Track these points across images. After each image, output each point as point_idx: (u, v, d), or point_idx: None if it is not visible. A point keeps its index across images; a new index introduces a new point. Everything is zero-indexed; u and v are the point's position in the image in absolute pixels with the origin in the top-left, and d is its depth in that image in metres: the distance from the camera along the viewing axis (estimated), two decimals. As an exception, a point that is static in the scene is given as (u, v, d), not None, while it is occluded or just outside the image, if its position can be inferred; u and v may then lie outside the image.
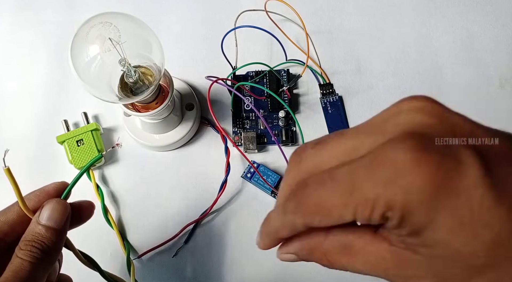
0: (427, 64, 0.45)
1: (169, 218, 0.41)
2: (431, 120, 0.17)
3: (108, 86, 0.35)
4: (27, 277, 0.24)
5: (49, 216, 0.26)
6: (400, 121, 0.17)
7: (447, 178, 0.16)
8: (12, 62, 0.47)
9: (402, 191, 0.15)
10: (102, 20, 0.31)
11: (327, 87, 0.44)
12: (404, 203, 0.15)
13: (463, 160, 0.16)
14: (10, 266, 0.24)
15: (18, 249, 0.25)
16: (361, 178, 0.16)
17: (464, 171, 0.16)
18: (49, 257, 0.25)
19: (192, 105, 0.43)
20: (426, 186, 0.15)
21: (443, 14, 0.47)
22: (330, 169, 0.18)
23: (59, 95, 0.46)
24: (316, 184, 0.18)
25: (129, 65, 0.33)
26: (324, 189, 0.17)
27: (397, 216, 0.16)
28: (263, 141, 0.43)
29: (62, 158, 0.42)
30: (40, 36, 0.48)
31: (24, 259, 0.24)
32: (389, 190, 0.16)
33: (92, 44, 0.32)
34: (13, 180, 0.26)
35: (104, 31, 0.31)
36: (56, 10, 0.49)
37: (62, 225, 0.26)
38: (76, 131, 0.41)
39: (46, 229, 0.25)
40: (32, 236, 0.25)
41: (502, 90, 0.44)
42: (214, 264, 0.39)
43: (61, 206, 0.26)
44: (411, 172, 0.15)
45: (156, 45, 0.34)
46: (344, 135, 0.19)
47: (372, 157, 0.16)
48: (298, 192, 0.18)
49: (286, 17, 0.46)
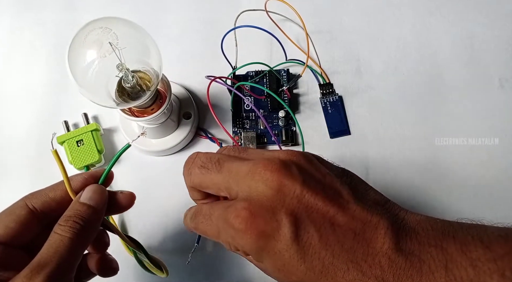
0: (427, 64, 0.45)
1: (173, 218, 0.41)
2: (269, 191, 0.23)
3: (106, 91, 0.34)
4: (66, 253, 0.25)
5: (89, 197, 0.27)
6: (250, 188, 0.24)
7: (266, 242, 0.23)
8: (12, 62, 0.47)
9: (240, 246, 0.24)
10: (99, 25, 0.31)
11: (327, 87, 0.44)
12: (243, 250, 0.24)
13: (281, 227, 0.23)
14: (49, 242, 0.25)
15: (58, 225, 0.26)
16: (222, 228, 0.24)
17: (279, 237, 0.23)
18: (86, 233, 0.26)
19: (190, 114, 0.42)
20: (252, 246, 0.23)
21: (443, 14, 0.47)
22: (210, 207, 0.26)
23: (59, 96, 0.46)
24: (204, 217, 0.27)
25: (126, 70, 0.33)
26: (206, 222, 0.26)
27: (243, 254, 0.25)
28: (263, 141, 0.43)
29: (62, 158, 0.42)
30: (40, 36, 0.48)
31: (64, 235, 0.25)
32: (235, 243, 0.24)
33: (89, 49, 0.32)
34: (60, 161, 0.28)
35: (102, 36, 0.31)
36: (56, 10, 0.49)
37: (101, 206, 0.28)
38: (76, 132, 0.41)
39: (87, 207, 0.27)
40: (72, 211, 0.27)
41: (502, 90, 0.44)
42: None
43: (100, 189, 0.28)
44: (242, 238, 0.23)
45: (154, 50, 0.34)
46: (221, 171, 0.26)
47: (227, 215, 0.24)
48: (195, 216, 0.28)
49: (286, 17, 0.46)
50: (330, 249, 0.22)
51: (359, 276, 0.22)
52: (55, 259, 0.24)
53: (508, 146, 0.42)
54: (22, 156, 0.44)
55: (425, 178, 0.42)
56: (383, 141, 0.43)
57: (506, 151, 0.42)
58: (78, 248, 0.26)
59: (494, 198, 0.41)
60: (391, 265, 0.21)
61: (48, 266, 0.24)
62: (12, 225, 0.26)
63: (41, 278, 0.23)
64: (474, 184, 0.41)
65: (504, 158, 0.42)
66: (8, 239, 0.26)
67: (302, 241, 0.22)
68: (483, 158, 0.42)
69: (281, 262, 0.23)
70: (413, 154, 0.42)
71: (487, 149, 0.42)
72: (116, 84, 0.35)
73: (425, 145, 0.42)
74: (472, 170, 0.42)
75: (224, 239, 0.25)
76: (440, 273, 0.21)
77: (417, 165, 0.42)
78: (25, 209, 0.27)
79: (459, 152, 0.42)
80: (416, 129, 0.43)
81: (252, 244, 0.23)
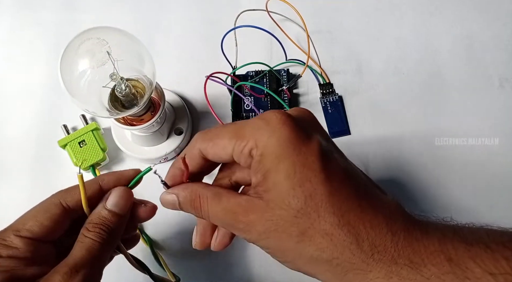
0: (427, 64, 0.45)
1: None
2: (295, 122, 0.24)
3: (99, 100, 0.34)
4: (98, 255, 0.26)
5: (115, 202, 0.28)
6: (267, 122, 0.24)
7: (297, 140, 0.23)
8: (11, 62, 0.47)
9: (266, 136, 0.23)
10: (92, 35, 0.31)
11: (327, 87, 0.44)
12: (264, 145, 0.23)
13: (312, 138, 0.23)
14: (83, 244, 0.26)
15: (86, 230, 0.27)
16: (243, 125, 0.24)
17: (309, 143, 0.23)
18: (113, 239, 0.28)
19: (181, 130, 0.42)
20: (281, 139, 0.23)
21: (443, 14, 0.47)
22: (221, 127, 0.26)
23: (59, 95, 0.45)
24: (214, 129, 0.26)
25: (120, 80, 0.33)
26: (218, 129, 0.25)
27: (258, 154, 0.23)
28: (263, 141, 0.43)
29: (61, 161, 0.42)
30: (40, 36, 0.48)
31: (94, 239, 0.26)
32: (259, 135, 0.23)
33: (82, 58, 0.31)
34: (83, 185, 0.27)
35: (95, 46, 0.31)
36: (55, 10, 0.49)
37: (125, 212, 0.28)
38: (77, 133, 0.41)
39: (112, 214, 0.28)
40: (99, 219, 0.27)
41: (502, 90, 0.44)
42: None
43: (126, 194, 0.29)
44: (275, 127, 0.23)
45: (147, 59, 0.34)
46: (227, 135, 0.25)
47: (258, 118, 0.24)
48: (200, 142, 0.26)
49: (286, 17, 0.46)
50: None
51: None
52: (90, 261, 0.26)
53: (508, 146, 0.42)
54: (22, 156, 0.44)
55: (425, 178, 0.42)
56: (383, 141, 0.43)
57: (506, 151, 0.42)
58: (106, 251, 0.27)
59: (494, 198, 0.41)
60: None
61: (86, 267, 0.25)
62: (47, 223, 0.27)
63: (80, 278, 0.24)
64: (474, 184, 0.41)
65: (504, 158, 0.42)
66: (42, 236, 0.27)
67: (327, 155, 0.23)
68: (483, 158, 0.42)
69: (302, 164, 0.23)
70: (413, 154, 0.42)
71: (487, 149, 0.42)
72: (109, 93, 0.35)
73: (425, 145, 0.42)
74: (472, 170, 0.42)
75: (243, 135, 0.24)
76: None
77: (417, 165, 0.42)
78: (60, 208, 0.28)
79: (459, 152, 0.42)
80: (416, 129, 0.43)
81: (283, 136, 0.23)
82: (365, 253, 0.22)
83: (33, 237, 0.26)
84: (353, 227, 0.22)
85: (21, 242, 0.26)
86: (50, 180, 0.43)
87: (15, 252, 0.26)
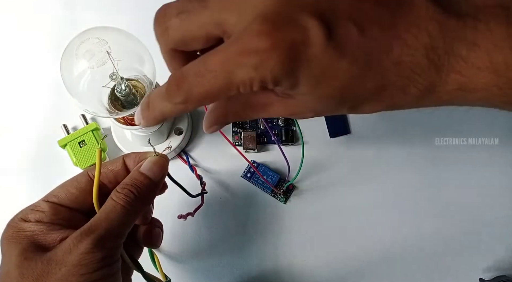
0: (427, 64, 0.45)
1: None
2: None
3: (99, 100, 0.34)
4: (117, 220, 0.26)
5: (149, 168, 0.28)
6: (255, 3, 0.21)
7: (298, 53, 0.20)
8: (12, 62, 0.47)
9: (269, 72, 0.20)
10: (92, 35, 0.31)
11: (327, 87, 0.44)
12: (273, 77, 0.20)
13: (309, 31, 0.20)
14: (103, 208, 0.26)
15: (115, 192, 0.27)
16: (235, 66, 0.20)
17: (311, 41, 0.20)
18: (139, 204, 0.27)
19: (181, 130, 0.42)
20: (284, 64, 0.20)
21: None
22: (204, 59, 0.21)
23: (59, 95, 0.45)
24: (196, 78, 0.21)
25: (120, 80, 0.33)
26: (204, 80, 0.21)
27: (271, 84, 0.21)
28: (263, 141, 0.43)
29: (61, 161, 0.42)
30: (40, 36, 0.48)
31: (117, 202, 0.26)
32: (260, 73, 0.20)
33: (82, 58, 0.32)
34: (99, 161, 0.28)
35: (94, 46, 0.31)
36: (55, 10, 0.49)
37: (158, 178, 0.28)
38: (77, 133, 0.41)
39: (145, 177, 0.28)
40: (130, 180, 0.27)
41: (502, 90, 0.44)
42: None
43: (162, 161, 0.29)
44: (271, 58, 0.20)
45: (147, 58, 0.34)
46: (207, 6, 0.22)
47: (240, 46, 0.20)
48: (181, 86, 0.22)
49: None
50: (369, 34, 0.20)
51: (405, 50, 0.20)
52: (105, 225, 0.25)
53: (508, 146, 0.42)
54: (22, 155, 0.44)
55: (425, 178, 0.42)
56: (383, 141, 0.43)
57: (506, 151, 0.42)
58: (129, 216, 0.26)
59: (494, 198, 0.41)
60: (440, 29, 0.20)
61: (96, 231, 0.25)
62: (73, 190, 0.28)
63: (89, 240, 0.24)
64: (473, 183, 0.41)
65: (504, 158, 0.42)
66: (70, 203, 0.28)
67: (337, 35, 0.20)
68: (483, 158, 0.42)
69: (320, 69, 0.20)
70: (413, 154, 0.42)
71: (487, 149, 0.42)
72: (109, 93, 0.35)
73: (425, 145, 0.42)
74: (472, 170, 0.42)
75: (243, 77, 0.20)
76: (500, 29, 0.20)
77: (417, 165, 0.42)
78: (86, 177, 0.28)
79: (459, 152, 0.42)
80: (416, 129, 0.43)
81: (284, 60, 0.20)
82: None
83: (58, 202, 0.27)
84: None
85: (47, 206, 0.27)
86: (50, 180, 0.42)
87: (41, 216, 0.27)
